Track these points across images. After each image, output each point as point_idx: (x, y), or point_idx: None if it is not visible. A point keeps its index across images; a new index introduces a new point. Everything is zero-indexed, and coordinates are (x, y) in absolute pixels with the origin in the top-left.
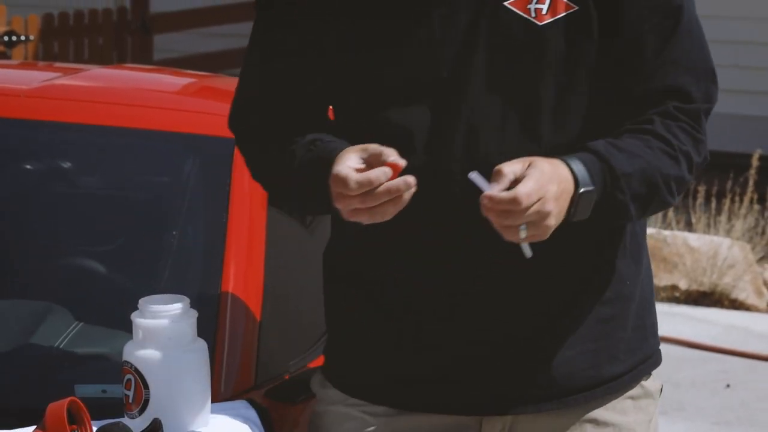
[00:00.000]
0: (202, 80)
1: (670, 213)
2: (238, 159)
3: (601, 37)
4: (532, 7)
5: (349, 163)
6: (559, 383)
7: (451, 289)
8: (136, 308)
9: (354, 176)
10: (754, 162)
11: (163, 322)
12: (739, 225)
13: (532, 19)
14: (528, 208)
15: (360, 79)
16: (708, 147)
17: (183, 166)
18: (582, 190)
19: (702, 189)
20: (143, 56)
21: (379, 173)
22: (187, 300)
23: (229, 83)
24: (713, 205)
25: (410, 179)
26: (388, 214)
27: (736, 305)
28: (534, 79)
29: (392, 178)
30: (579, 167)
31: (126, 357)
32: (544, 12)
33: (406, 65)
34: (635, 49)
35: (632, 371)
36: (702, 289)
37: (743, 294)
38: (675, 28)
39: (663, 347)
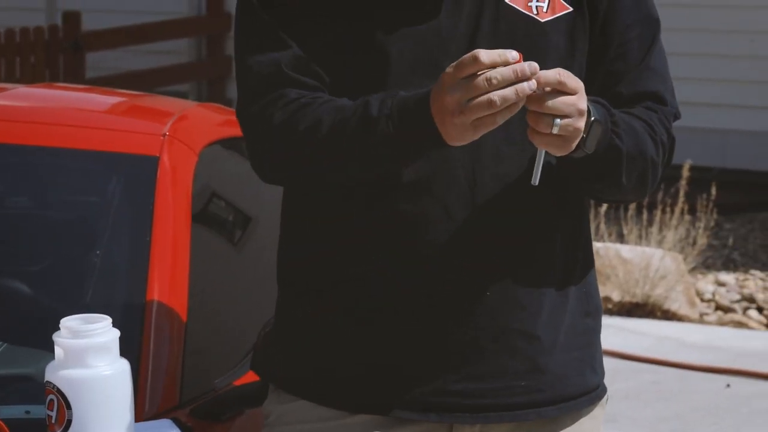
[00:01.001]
0: (131, 99)
1: (602, 225)
2: (162, 177)
3: (591, 39)
4: (533, 5)
5: None
6: (538, 392)
7: (429, 290)
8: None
9: (482, 51)
10: (685, 173)
11: (84, 341)
12: (670, 236)
13: (534, 16)
14: (574, 92)
15: (362, 77)
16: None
17: (107, 185)
18: (593, 117)
19: None
20: (76, 74)
21: (502, 53)
22: (109, 319)
23: (157, 102)
24: (645, 216)
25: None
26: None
27: (669, 316)
28: None
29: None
30: (588, 102)
31: (48, 377)
32: (545, 10)
33: (408, 60)
34: (621, 54)
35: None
36: (635, 300)
37: (676, 304)
38: (654, 39)
39: None
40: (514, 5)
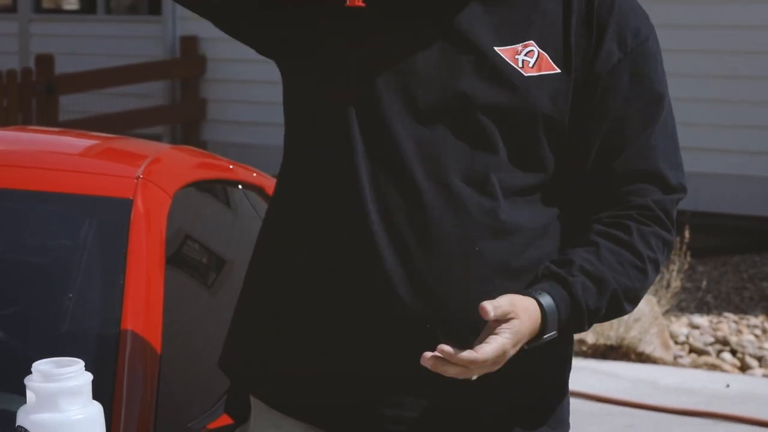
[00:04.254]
0: (104, 141)
1: None
2: (136, 220)
3: (576, 105)
4: (520, 58)
5: None
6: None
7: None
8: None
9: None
10: None
11: (56, 385)
12: None
13: (518, 68)
14: (481, 366)
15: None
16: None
17: (80, 228)
18: (545, 337)
19: None
20: (49, 117)
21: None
22: (82, 363)
23: (131, 144)
24: None
25: None
26: None
27: (643, 358)
28: (502, 122)
29: None
30: (552, 314)
31: (20, 422)
32: (530, 65)
33: (383, 64)
34: (618, 128)
35: None
36: (609, 342)
37: (650, 347)
38: (656, 116)
39: (571, 401)
40: (502, 55)
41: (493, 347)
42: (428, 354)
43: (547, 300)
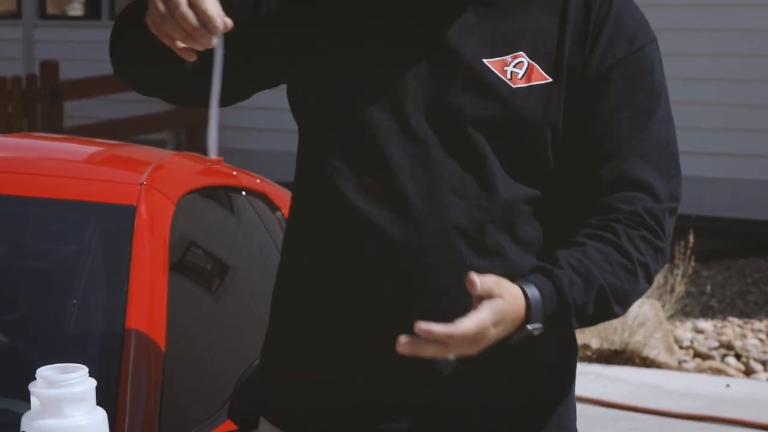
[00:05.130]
0: (108, 148)
1: None
2: (140, 226)
3: (569, 113)
4: (509, 69)
5: None
6: None
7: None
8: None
9: None
10: None
11: (60, 391)
12: None
13: (507, 80)
14: (460, 342)
15: (327, 73)
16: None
17: (84, 234)
18: (529, 327)
19: None
20: (53, 124)
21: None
22: (86, 369)
23: (135, 151)
24: None
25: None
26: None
27: (648, 363)
28: (493, 135)
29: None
30: (536, 304)
31: (24, 428)
32: (519, 77)
33: (373, 83)
34: (608, 133)
35: None
36: (613, 347)
37: (654, 352)
38: (646, 125)
39: (576, 406)
40: (491, 66)
41: (472, 321)
42: (403, 338)
43: (532, 290)
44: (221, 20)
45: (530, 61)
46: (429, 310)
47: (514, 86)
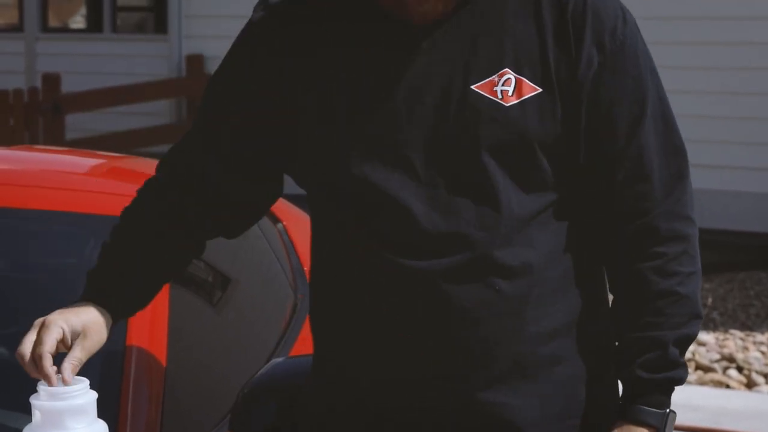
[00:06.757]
0: (110, 161)
1: None
2: None
3: (565, 116)
4: (498, 89)
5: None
6: None
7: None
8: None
9: (22, 347)
10: None
11: (61, 404)
12: None
13: (498, 100)
14: None
15: (322, 148)
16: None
17: (85, 247)
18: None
19: None
20: (55, 136)
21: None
22: (87, 381)
23: (137, 163)
24: None
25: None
26: None
27: None
28: (497, 158)
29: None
30: (658, 418)
31: None
32: (510, 94)
33: (370, 140)
34: (609, 132)
35: None
36: None
37: None
38: (642, 116)
39: None
40: (479, 91)
41: None
42: None
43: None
44: (56, 379)
45: (517, 76)
46: (466, 338)
47: (507, 104)
